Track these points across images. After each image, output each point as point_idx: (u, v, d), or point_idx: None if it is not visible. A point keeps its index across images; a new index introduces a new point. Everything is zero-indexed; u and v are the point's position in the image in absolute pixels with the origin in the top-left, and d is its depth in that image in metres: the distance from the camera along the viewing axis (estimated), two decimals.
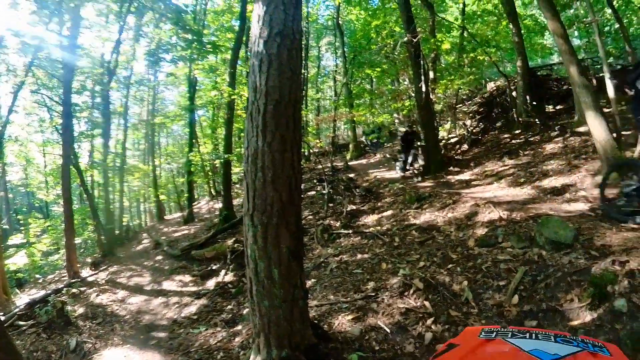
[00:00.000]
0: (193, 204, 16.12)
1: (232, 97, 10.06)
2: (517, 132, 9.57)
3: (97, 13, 12.17)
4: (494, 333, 0.92)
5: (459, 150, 10.47)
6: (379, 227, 6.16)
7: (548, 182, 6.02)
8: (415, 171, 9.10)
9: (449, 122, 12.85)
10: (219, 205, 11.33)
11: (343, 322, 3.53)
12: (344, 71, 16.82)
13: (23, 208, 23.64)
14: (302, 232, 2.92)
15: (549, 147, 7.65)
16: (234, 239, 7.21)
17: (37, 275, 15.09)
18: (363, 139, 18.34)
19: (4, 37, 10.81)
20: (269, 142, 2.60)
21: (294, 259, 2.72)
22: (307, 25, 18.33)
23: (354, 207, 7.72)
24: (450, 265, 3.98)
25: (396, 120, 17.68)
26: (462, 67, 11.84)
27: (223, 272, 6.65)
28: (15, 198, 25.24)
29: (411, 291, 3.69)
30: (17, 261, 13.59)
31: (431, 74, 11.93)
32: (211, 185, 18.80)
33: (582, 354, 0.77)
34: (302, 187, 2.93)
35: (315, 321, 3.49)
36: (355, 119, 15.91)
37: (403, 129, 10.16)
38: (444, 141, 10.81)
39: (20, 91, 11.84)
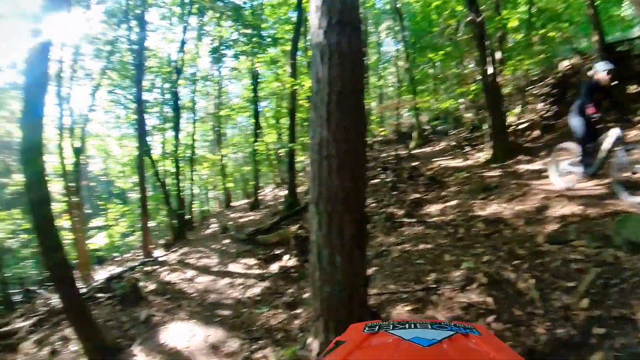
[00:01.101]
0: (258, 191, 16.75)
1: (294, 87, 10.18)
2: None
3: (161, 17, 13.13)
4: (377, 327, 0.95)
5: (529, 137, 9.67)
6: (443, 217, 5.94)
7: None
8: None
9: (518, 106, 11.90)
10: (284, 192, 11.70)
11: (402, 312, 3.50)
12: (405, 56, 16.24)
13: (103, 195, 26.53)
14: (365, 221, 2.96)
15: (633, 134, 6.78)
16: (297, 225, 7.42)
17: (115, 254, 17.01)
18: (427, 126, 17.76)
19: (80, 45, 12.15)
20: (333, 132, 2.65)
21: (357, 247, 2.76)
22: (365, 11, 17.96)
23: (418, 196, 7.52)
24: (516, 262, 3.77)
25: (462, 106, 16.81)
26: (531, 46, 10.86)
27: (286, 256, 6.86)
28: (96, 186, 28.42)
29: (474, 286, 3.55)
30: (97, 241, 15.41)
31: (498, 55, 11.10)
32: (276, 174, 19.51)
33: (456, 336, 0.84)
34: (366, 175, 2.95)
35: (374, 309, 3.52)
36: (418, 105, 15.41)
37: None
38: (512, 127, 10.06)
39: (98, 92, 13.20)
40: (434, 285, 3.82)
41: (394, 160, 11.19)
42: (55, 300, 6.55)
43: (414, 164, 10.74)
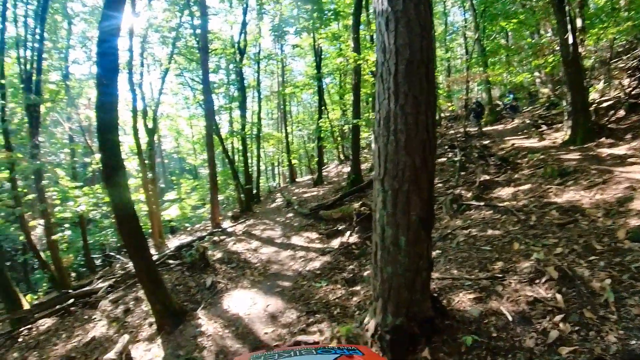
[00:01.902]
0: (322, 167, 17.03)
1: (358, 62, 9.91)
2: None
3: (220, 0, 13.37)
4: (262, 357, 1.01)
5: (614, 117, 8.44)
6: (514, 202, 5.50)
7: None
8: None
9: (602, 82, 10.36)
10: (347, 169, 11.76)
11: (463, 300, 3.32)
12: (474, 26, 14.99)
13: (176, 171, 28.89)
14: (433, 201, 2.77)
15: None
16: (360, 202, 7.38)
17: (186, 224, 18.47)
18: (499, 102, 16.46)
19: (147, 34, 12.92)
20: (401, 105, 2.48)
21: (423, 228, 2.61)
22: None
23: (488, 178, 7.05)
24: (592, 257, 3.36)
25: (537, 80, 15.17)
26: (617, 11, 9.26)
27: (348, 233, 6.87)
28: (169, 163, 31.03)
29: (543, 279, 3.25)
30: (170, 213, 16.79)
31: (579, 22, 9.71)
32: (340, 150, 19.68)
33: (341, 358, 0.88)
34: (436, 152, 2.74)
35: (435, 294, 3.37)
36: (490, 79, 14.26)
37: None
38: (594, 105, 8.83)
39: (167, 76, 14.01)
40: (500, 275, 3.55)
41: (462, 138, 10.52)
42: (131, 265, 7.29)
43: (484, 142, 10.03)
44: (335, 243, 6.93)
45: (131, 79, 11.20)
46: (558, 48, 9.13)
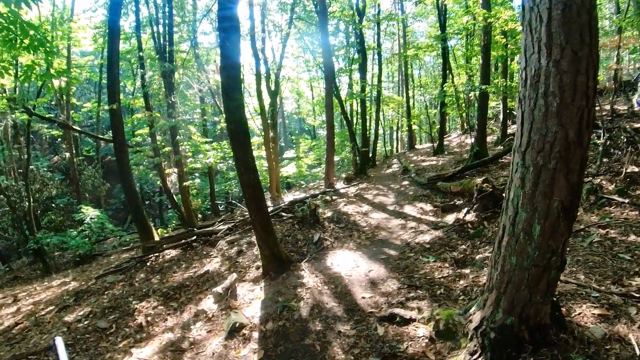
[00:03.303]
0: (444, 136, 16.29)
1: (488, 20, 8.78)
2: None
3: None
4: None
5: None
6: None
7: None
8: None
9: None
10: (471, 140, 10.93)
11: (586, 313, 2.71)
12: None
13: (296, 131, 30.89)
14: (582, 187, 2.20)
15: None
16: (483, 177, 6.66)
17: (302, 182, 19.85)
18: None
19: (266, 2, 13.37)
20: (555, 60, 1.93)
21: (565, 219, 2.10)
22: None
23: (637, 170, 5.56)
24: None
25: None
26: None
27: (465, 209, 6.34)
28: (290, 123, 33.27)
29: None
30: (288, 170, 18.17)
31: None
32: (464, 119, 18.42)
33: None
34: (593, 125, 2.13)
35: (554, 298, 2.81)
36: None
37: None
38: None
39: (287, 41, 14.60)
40: (638, 295, 2.83)
41: (609, 116, 8.36)
42: (246, 213, 8.04)
43: (635, 125, 7.80)
44: (450, 218, 6.45)
45: (254, 45, 12.03)
46: None
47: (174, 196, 13.78)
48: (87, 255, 10.27)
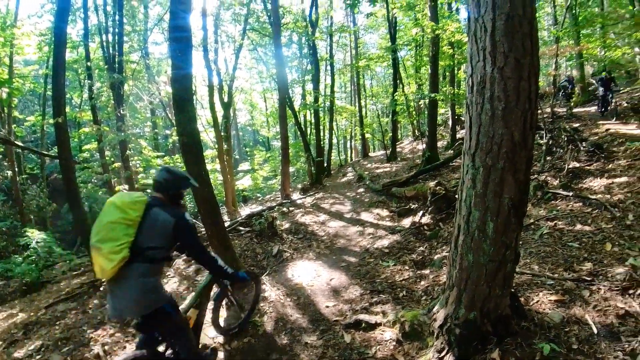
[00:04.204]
0: (396, 143, 16.78)
1: (436, 32, 9.35)
2: None
3: None
4: None
5: None
6: (607, 196, 4.80)
7: None
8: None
9: None
10: (422, 146, 11.40)
11: (543, 301, 2.94)
12: None
13: (250, 143, 30.44)
14: (529, 184, 2.37)
15: None
16: (436, 181, 6.97)
17: (258, 194, 19.49)
18: (592, 80, 14.29)
19: (219, 13, 13.29)
20: (500, 67, 2.09)
21: (515, 215, 2.25)
22: None
23: (578, 165, 6.22)
24: None
25: (638, 56, 12.73)
26: None
27: (420, 213, 6.57)
28: (244, 135, 32.73)
29: (638, 291, 2.78)
30: (244, 182, 17.79)
31: None
32: (415, 126, 19.17)
33: None
34: (536, 126, 2.32)
35: (512, 289, 2.99)
36: (582, 53, 12.57)
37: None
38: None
39: (240, 52, 14.46)
40: (588, 278, 3.13)
41: (550, 118, 9.33)
42: (204, 230, 7.77)
43: (574, 125, 8.83)
44: (407, 222, 6.65)
45: (206, 56, 11.81)
46: None
47: None
48: (34, 283, 9.21)
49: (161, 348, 2.63)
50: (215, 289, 3.50)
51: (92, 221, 2.46)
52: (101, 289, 6.58)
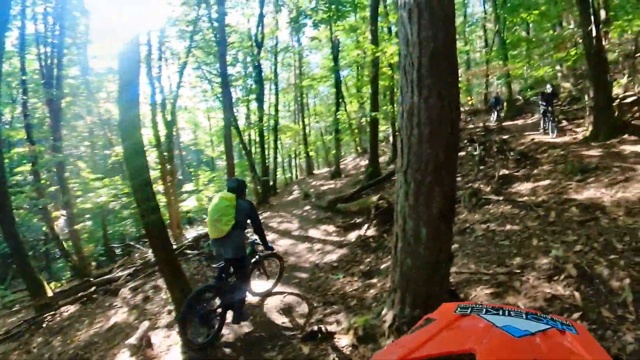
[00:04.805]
0: (340, 160, 17.19)
1: (376, 54, 9.93)
2: None
3: None
4: (469, 309, 0.95)
5: (638, 113, 8.19)
6: (533, 198, 5.46)
7: None
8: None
9: (626, 76, 10.02)
10: (365, 162, 11.83)
11: (480, 295, 3.34)
12: (494, 17, 14.76)
13: (194, 163, 29.35)
14: (454, 195, 2.78)
15: None
16: (378, 195, 7.37)
17: (204, 216, 18.80)
18: (519, 96, 16.22)
19: (165, 28, 13.12)
20: (425, 98, 2.48)
21: (444, 221, 2.62)
22: None
23: (507, 172, 7.00)
24: (612, 256, 3.32)
25: (559, 74, 14.82)
26: None
27: (365, 226, 6.88)
28: (187, 155, 31.55)
29: (561, 277, 3.23)
30: (188, 204, 17.09)
31: (602, 14, 9.44)
32: (357, 143, 19.82)
33: (551, 330, 0.78)
34: (459, 145, 2.75)
35: (452, 288, 3.38)
36: (510, 72, 14.15)
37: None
38: (618, 100, 8.62)
39: (185, 69, 14.23)
40: (518, 271, 3.56)
41: (482, 132, 10.41)
42: (150, 255, 7.44)
43: (503, 137, 9.93)
44: (353, 236, 6.96)
45: (150, 73, 11.46)
46: (581, 41, 8.90)
47: (64, 243, 11.76)
48: None
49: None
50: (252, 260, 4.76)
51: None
52: (44, 325, 6.12)
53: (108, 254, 14.56)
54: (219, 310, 3.95)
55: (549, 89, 9.97)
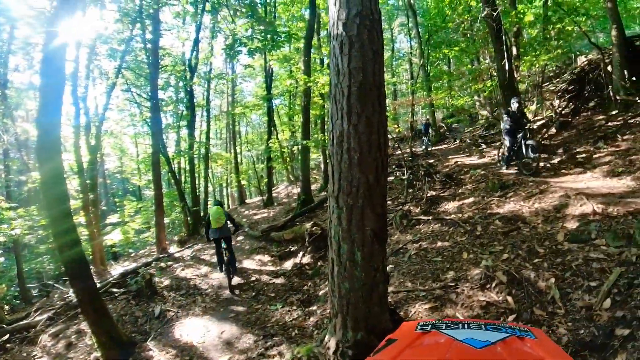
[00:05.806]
0: (272, 188, 16.93)
1: (308, 84, 10.14)
2: (613, 113, 8.26)
3: (174, 15, 13.10)
4: (430, 326, 0.98)
5: (546, 135, 9.47)
6: (460, 215, 5.84)
7: None
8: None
9: (535, 103, 11.65)
10: (297, 190, 11.79)
11: (420, 310, 3.46)
12: (419, 53, 16.18)
13: (119, 192, 27.01)
14: (386, 215, 2.89)
15: None
16: (312, 222, 7.39)
17: (130, 250, 17.25)
18: (442, 123, 17.68)
19: (95, 45, 12.31)
20: (354, 125, 2.59)
21: (378, 242, 2.70)
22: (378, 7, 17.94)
23: (434, 193, 7.44)
24: (536, 260, 3.67)
25: (477, 103, 16.63)
26: (548, 41, 10.56)
27: (301, 253, 6.86)
28: (112, 183, 28.94)
29: (493, 284, 3.48)
30: (113, 237, 15.55)
31: (514, 50, 10.89)
32: (289, 171, 19.68)
33: (511, 338, 0.83)
34: (387, 169, 2.89)
35: (392, 307, 3.46)
36: (433, 102, 15.34)
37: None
38: (529, 124, 9.96)
39: (113, 91, 13.27)
40: (453, 284, 3.76)
41: (409, 157, 11.14)
42: (71, 295, 6.62)
43: (429, 161, 10.66)
44: (289, 264, 6.91)
45: (75, 92, 10.52)
46: (495, 74, 10.10)
47: None
48: None
49: None
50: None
51: None
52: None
53: (23, 295, 12.45)
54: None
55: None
